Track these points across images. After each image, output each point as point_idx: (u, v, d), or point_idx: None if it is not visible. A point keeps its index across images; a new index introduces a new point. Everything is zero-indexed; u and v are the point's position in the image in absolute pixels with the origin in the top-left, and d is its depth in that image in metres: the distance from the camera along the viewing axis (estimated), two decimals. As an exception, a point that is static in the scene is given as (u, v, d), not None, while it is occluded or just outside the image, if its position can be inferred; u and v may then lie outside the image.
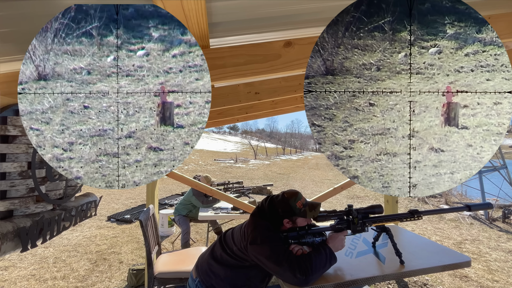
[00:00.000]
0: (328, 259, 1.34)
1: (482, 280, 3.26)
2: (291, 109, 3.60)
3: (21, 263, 3.54)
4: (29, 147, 1.41)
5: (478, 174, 7.49)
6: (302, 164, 24.47)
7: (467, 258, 1.60)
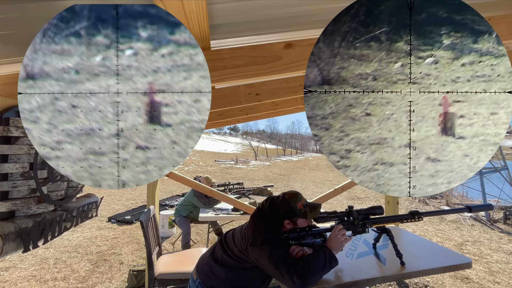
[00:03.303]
0: (328, 261, 1.32)
1: (483, 282, 3.25)
2: (291, 110, 3.61)
3: (21, 264, 3.54)
4: (31, 148, 1.42)
5: (479, 175, 7.47)
6: (303, 165, 24.46)
7: (468, 259, 1.59)
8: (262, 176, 14.94)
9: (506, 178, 7.98)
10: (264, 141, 70.06)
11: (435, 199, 8.38)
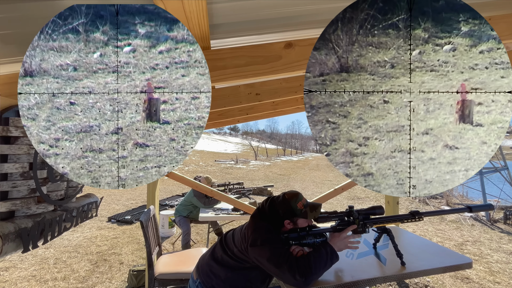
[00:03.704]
0: (329, 257, 1.32)
1: (484, 282, 3.25)
2: (291, 110, 3.61)
3: (21, 264, 3.54)
4: (31, 148, 1.42)
5: (479, 175, 7.47)
6: (303, 165, 24.46)
7: (469, 259, 1.59)
8: (262, 176, 14.94)
9: (506, 178, 7.97)
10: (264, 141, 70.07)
11: (435, 199, 8.37)
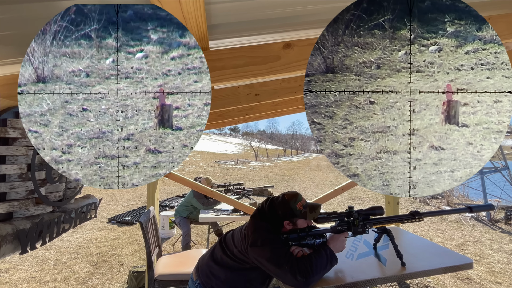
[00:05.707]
0: (329, 260, 1.33)
1: (485, 282, 3.24)
2: (291, 110, 3.60)
3: (22, 265, 3.54)
4: (29, 149, 1.41)
5: (480, 175, 7.46)
6: (303, 165, 24.45)
7: (469, 260, 1.58)
8: (263, 176, 14.93)
9: (507, 178, 7.96)
10: (264, 141, 70.03)
11: (436, 199, 8.36)
